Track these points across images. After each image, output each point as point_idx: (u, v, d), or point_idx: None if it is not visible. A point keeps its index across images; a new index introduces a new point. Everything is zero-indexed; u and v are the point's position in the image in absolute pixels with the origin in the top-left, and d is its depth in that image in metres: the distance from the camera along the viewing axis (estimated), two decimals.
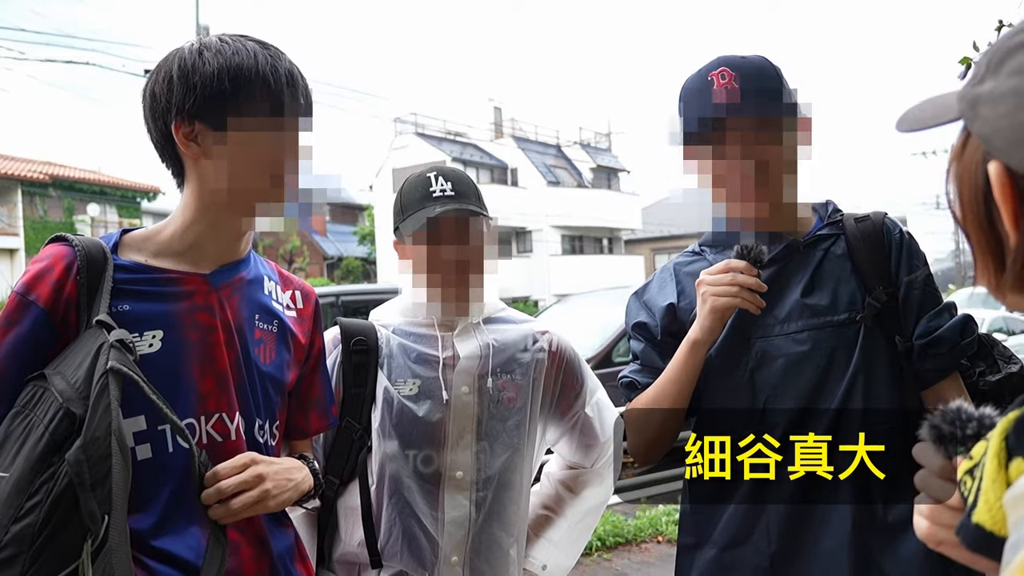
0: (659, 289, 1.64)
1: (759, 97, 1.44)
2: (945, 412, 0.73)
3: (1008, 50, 0.63)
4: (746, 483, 1.46)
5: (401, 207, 1.70)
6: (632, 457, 1.67)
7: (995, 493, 0.60)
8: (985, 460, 0.62)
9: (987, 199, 0.64)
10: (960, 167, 0.67)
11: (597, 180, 34.42)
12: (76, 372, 1.12)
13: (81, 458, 1.05)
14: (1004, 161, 0.60)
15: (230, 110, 1.26)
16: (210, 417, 1.28)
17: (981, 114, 0.63)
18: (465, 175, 1.73)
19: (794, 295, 1.48)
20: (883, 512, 1.40)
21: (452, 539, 1.65)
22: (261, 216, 1.34)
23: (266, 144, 1.28)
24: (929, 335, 1.44)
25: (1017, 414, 0.61)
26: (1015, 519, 0.56)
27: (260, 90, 1.26)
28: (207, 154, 1.29)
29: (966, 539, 0.63)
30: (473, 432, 1.67)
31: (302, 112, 1.32)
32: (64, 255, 1.23)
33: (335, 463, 1.65)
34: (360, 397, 1.66)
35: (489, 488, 1.68)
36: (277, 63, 1.28)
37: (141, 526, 1.19)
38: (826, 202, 1.60)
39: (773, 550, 1.43)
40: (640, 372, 1.61)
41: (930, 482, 0.74)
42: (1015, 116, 0.59)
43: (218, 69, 1.25)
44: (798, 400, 1.44)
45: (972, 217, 0.66)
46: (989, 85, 0.63)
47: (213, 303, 1.31)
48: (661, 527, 5.43)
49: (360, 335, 1.70)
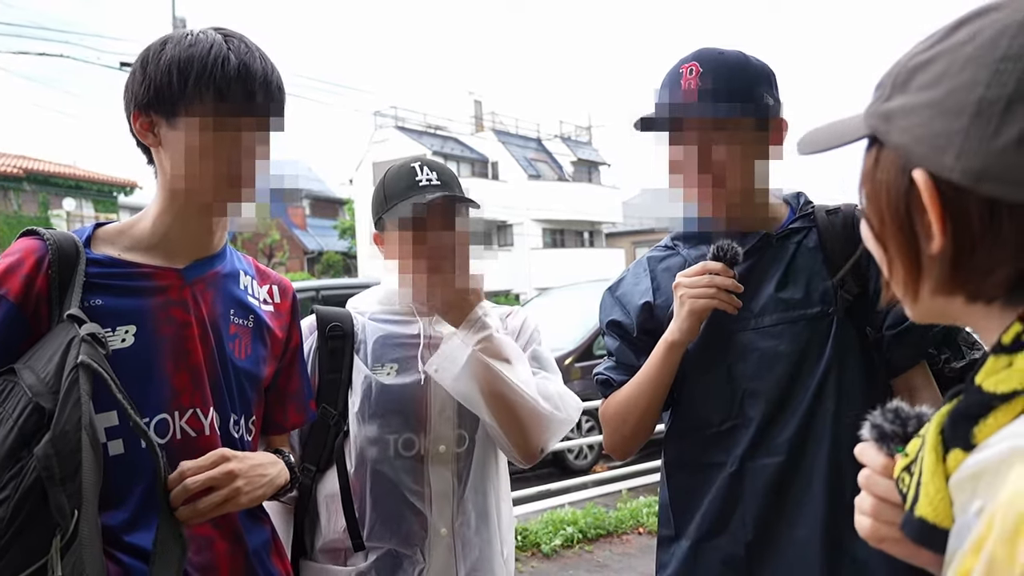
0: (634, 285, 1.64)
1: (721, 97, 1.44)
2: (885, 411, 0.75)
3: (912, 69, 0.67)
4: (723, 475, 1.48)
5: (385, 197, 1.69)
6: (609, 452, 1.68)
7: (935, 486, 0.62)
8: (923, 454, 0.65)
9: (909, 207, 0.66)
10: (875, 183, 0.70)
11: (578, 173, 34.47)
12: (46, 366, 1.11)
13: (50, 452, 1.04)
14: (927, 167, 0.63)
15: (180, 102, 1.24)
16: (184, 413, 1.27)
17: (898, 126, 0.66)
18: (447, 166, 1.74)
19: (768, 289, 1.49)
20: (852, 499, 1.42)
21: (440, 512, 1.66)
22: (220, 211, 1.32)
23: (216, 137, 1.25)
24: (898, 325, 1.46)
25: (949, 407, 0.64)
26: (960, 503, 0.58)
27: (207, 83, 1.23)
28: (164, 146, 1.28)
29: (911, 533, 0.64)
30: (454, 407, 1.67)
31: (260, 107, 1.28)
32: (35, 249, 1.22)
33: (312, 450, 1.65)
34: (336, 383, 1.67)
35: (470, 458, 1.70)
36: (231, 56, 1.24)
37: (114, 522, 1.19)
38: (797, 194, 1.62)
39: (749, 539, 1.45)
40: (615, 370, 1.62)
41: (873, 480, 0.76)
42: (932, 125, 0.63)
43: (169, 61, 1.24)
44: (774, 392, 1.45)
45: (893, 227, 0.69)
46: (899, 101, 0.67)
47: (187, 298, 1.30)
48: (642, 518, 5.47)
49: (336, 321, 1.71)
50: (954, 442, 0.61)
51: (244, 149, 1.27)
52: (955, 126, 0.61)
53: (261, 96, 1.27)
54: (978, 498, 0.55)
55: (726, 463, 1.47)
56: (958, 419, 0.62)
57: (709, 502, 1.49)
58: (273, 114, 1.30)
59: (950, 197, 0.63)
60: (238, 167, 1.27)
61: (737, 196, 1.47)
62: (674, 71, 1.50)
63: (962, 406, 0.62)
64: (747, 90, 1.47)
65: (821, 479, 1.42)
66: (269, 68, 1.29)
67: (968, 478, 0.57)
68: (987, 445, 0.58)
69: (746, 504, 1.46)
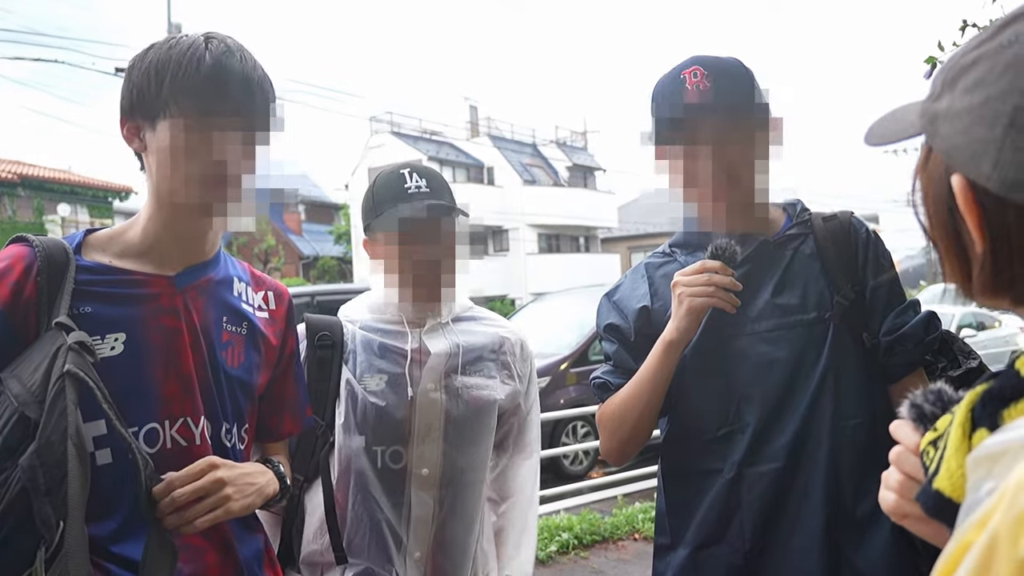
0: (631, 290, 1.63)
1: (730, 97, 1.44)
2: (927, 392, 0.75)
3: (961, 68, 0.66)
4: (720, 482, 1.46)
5: (374, 203, 1.68)
6: (605, 457, 1.66)
7: (956, 461, 0.62)
8: (950, 430, 0.65)
9: (951, 210, 0.67)
10: (924, 179, 0.70)
11: (573, 178, 34.48)
12: (33, 375, 1.09)
13: (35, 463, 1.02)
14: (965, 174, 0.63)
15: (157, 104, 1.23)
16: (175, 421, 1.25)
17: (940, 131, 0.66)
18: (437, 172, 1.72)
19: (765, 295, 1.49)
20: (852, 506, 1.42)
21: (416, 536, 1.64)
22: (204, 213, 1.28)
23: (194, 138, 1.23)
24: (895, 332, 1.46)
25: (984, 387, 0.64)
26: (974, 480, 0.58)
27: (180, 84, 1.21)
28: (149, 150, 1.27)
29: (925, 504, 0.65)
30: (440, 429, 1.66)
31: (238, 107, 1.24)
32: (24, 256, 1.20)
33: (299, 461, 1.63)
34: (324, 392, 1.65)
35: (453, 485, 1.68)
36: (206, 56, 1.22)
37: (102, 532, 1.17)
38: (795, 201, 1.61)
39: (747, 548, 1.44)
40: (612, 373, 1.61)
41: (905, 458, 0.75)
42: (970, 132, 0.63)
43: (149, 65, 1.23)
44: (770, 398, 1.44)
45: (938, 226, 0.69)
46: (946, 102, 0.66)
47: (178, 305, 1.29)
48: (638, 524, 5.45)
49: (325, 330, 1.68)
50: (982, 421, 0.62)
51: (225, 151, 1.24)
52: (992, 135, 0.61)
53: (239, 96, 1.24)
54: (992, 478, 0.55)
55: (723, 470, 1.46)
56: (989, 400, 0.62)
57: (706, 509, 1.48)
58: (255, 115, 1.27)
59: (989, 206, 0.63)
60: (220, 168, 1.24)
61: (751, 196, 1.47)
62: (672, 78, 1.48)
63: (996, 387, 0.63)
64: (750, 91, 1.47)
65: (819, 486, 1.41)
66: (250, 67, 1.26)
67: (985, 457, 0.57)
68: (1010, 428, 0.58)
69: (744, 511, 1.45)
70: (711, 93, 1.43)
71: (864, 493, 1.40)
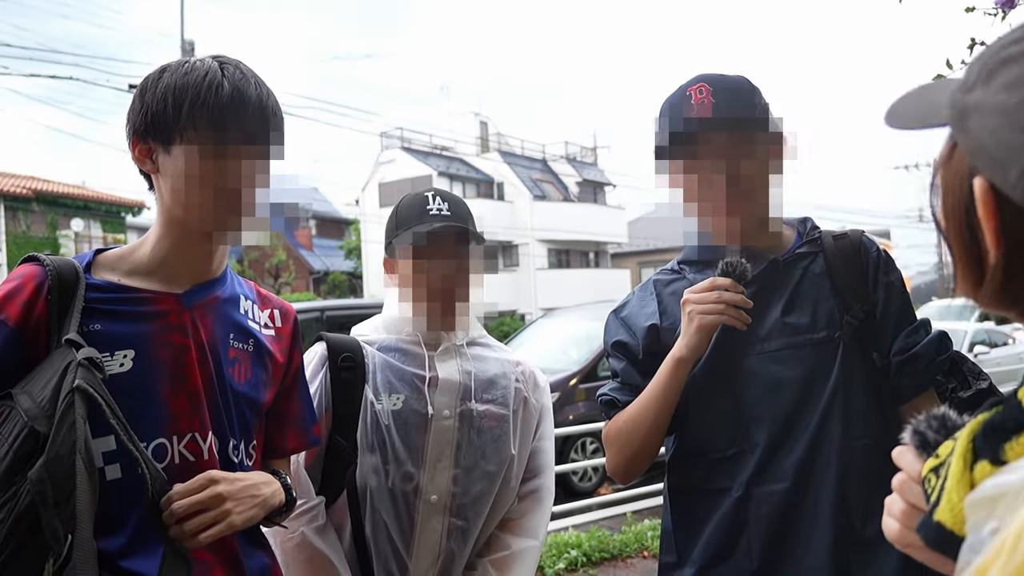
0: (640, 308, 1.63)
1: (734, 112, 1.45)
2: (930, 418, 0.72)
3: (1001, 60, 0.61)
4: (728, 501, 1.46)
5: (396, 224, 1.71)
6: (611, 474, 1.66)
7: (958, 494, 0.60)
8: (951, 460, 0.62)
9: (969, 211, 0.63)
10: (946, 175, 0.67)
11: (583, 194, 34.55)
12: (43, 391, 1.11)
13: (44, 476, 1.04)
14: (988, 178, 0.60)
15: (175, 129, 1.25)
16: (182, 437, 1.26)
17: (968, 127, 0.62)
18: (461, 199, 1.75)
19: (774, 314, 1.48)
20: (861, 526, 1.41)
21: (422, 562, 1.64)
22: (218, 240, 1.33)
23: (211, 165, 1.25)
24: (906, 352, 1.45)
25: (986, 416, 0.61)
26: (973, 522, 0.56)
27: (200, 110, 1.23)
28: (162, 173, 1.29)
29: (926, 536, 0.63)
30: (451, 457, 1.66)
31: (255, 134, 1.27)
32: (35, 275, 1.23)
33: (326, 484, 1.63)
34: (349, 416, 1.65)
35: (463, 515, 1.67)
36: (224, 83, 1.24)
37: (111, 547, 1.17)
38: (804, 219, 1.61)
39: (754, 568, 1.43)
40: (620, 390, 1.61)
41: (908, 487, 0.73)
42: (1000, 134, 0.59)
43: (165, 89, 1.25)
44: (779, 417, 1.44)
45: (954, 226, 0.66)
46: (978, 95, 0.62)
47: (186, 322, 1.30)
48: (646, 542, 5.41)
49: (348, 352, 1.69)
50: (983, 453, 0.59)
51: (241, 176, 1.27)
52: (1021, 141, 0.57)
53: (256, 122, 1.27)
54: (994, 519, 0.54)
55: (731, 489, 1.45)
56: (991, 431, 0.60)
57: (713, 528, 1.47)
58: (270, 141, 1.30)
59: (1009, 214, 0.59)
60: (235, 194, 1.27)
61: (757, 210, 1.47)
62: (678, 95, 1.50)
63: (998, 418, 0.60)
64: (753, 106, 1.48)
65: (827, 506, 1.40)
66: (264, 94, 1.29)
67: (987, 499, 0.56)
68: (1012, 469, 0.56)
69: (752, 531, 1.44)
70: (713, 108, 1.44)
71: (873, 513, 1.38)
